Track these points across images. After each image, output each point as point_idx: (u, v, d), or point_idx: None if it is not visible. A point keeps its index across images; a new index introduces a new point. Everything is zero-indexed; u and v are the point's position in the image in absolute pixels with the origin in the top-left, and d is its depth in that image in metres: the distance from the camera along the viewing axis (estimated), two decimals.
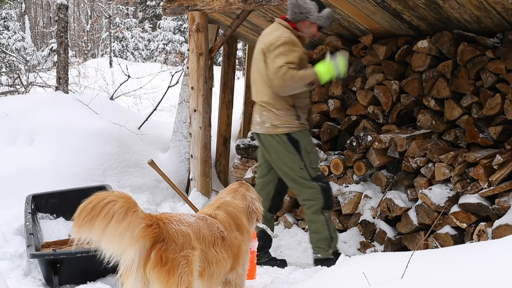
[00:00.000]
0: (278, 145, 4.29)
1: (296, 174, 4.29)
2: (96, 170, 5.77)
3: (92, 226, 2.33)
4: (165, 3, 5.86)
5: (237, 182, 3.48)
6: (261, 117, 4.35)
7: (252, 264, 3.99)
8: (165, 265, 2.48)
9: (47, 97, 7.07)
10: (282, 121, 4.26)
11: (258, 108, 4.41)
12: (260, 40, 4.38)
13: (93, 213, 2.33)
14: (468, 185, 4.64)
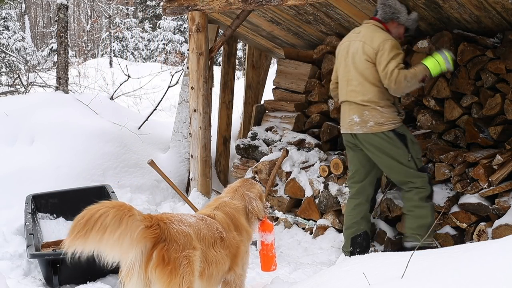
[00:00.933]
0: (384, 142, 4.32)
1: (407, 166, 4.34)
2: (96, 170, 5.78)
3: (87, 239, 2.36)
4: (165, 3, 5.86)
5: (240, 180, 3.48)
6: (362, 116, 4.34)
7: (267, 256, 3.89)
8: (167, 265, 2.49)
9: (47, 97, 7.07)
10: (387, 118, 4.31)
11: (357, 108, 4.36)
12: (359, 40, 4.37)
13: (86, 228, 2.36)
14: (468, 185, 4.64)
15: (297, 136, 6.10)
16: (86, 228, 2.34)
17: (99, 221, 2.36)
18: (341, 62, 4.50)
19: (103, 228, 2.35)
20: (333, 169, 5.45)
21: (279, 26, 6.34)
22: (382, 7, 4.46)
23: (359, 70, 4.34)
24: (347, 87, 4.43)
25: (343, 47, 4.50)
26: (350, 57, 4.40)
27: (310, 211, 5.49)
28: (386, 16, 4.45)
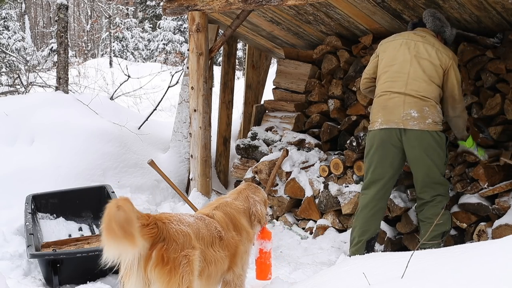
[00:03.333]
0: (435, 142, 4.19)
1: (439, 171, 4.26)
2: (96, 170, 5.78)
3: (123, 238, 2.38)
4: (165, 3, 5.86)
5: (244, 183, 3.49)
6: (422, 112, 4.15)
7: (264, 264, 3.92)
8: (167, 265, 2.49)
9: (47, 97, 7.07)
10: (441, 118, 4.28)
11: (416, 103, 4.18)
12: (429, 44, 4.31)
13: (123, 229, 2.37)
14: (468, 185, 4.64)
15: (297, 136, 6.10)
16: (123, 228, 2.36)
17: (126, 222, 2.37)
18: (397, 55, 4.32)
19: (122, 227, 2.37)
20: (333, 169, 5.45)
21: (279, 26, 6.34)
22: (432, 20, 4.49)
23: (426, 71, 4.23)
24: (408, 79, 4.22)
25: (397, 42, 4.37)
26: (413, 53, 4.27)
27: (310, 211, 5.49)
28: (436, 29, 4.49)
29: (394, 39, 4.45)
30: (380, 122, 4.26)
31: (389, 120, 4.23)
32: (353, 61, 6.09)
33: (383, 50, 4.45)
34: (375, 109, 4.35)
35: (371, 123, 4.37)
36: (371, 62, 4.53)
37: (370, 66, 4.53)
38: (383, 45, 4.49)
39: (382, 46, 4.49)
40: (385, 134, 4.25)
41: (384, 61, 4.39)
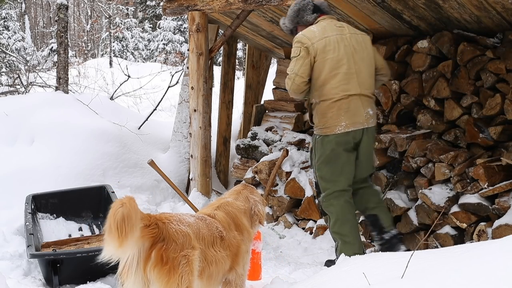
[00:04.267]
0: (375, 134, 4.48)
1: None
2: (96, 170, 5.78)
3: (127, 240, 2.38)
4: (165, 3, 5.86)
5: (241, 184, 3.49)
6: (374, 109, 4.35)
7: (257, 265, 3.97)
8: (166, 265, 2.49)
9: (47, 97, 7.07)
10: None
11: (368, 101, 4.27)
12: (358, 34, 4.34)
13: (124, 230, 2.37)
14: (468, 185, 4.64)
15: (297, 136, 6.10)
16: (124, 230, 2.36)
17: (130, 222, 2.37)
18: (340, 55, 4.18)
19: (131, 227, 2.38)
20: None
21: (279, 26, 6.34)
22: (327, 5, 4.51)
23: (369, 65, 4.28)
24: (358, 79, 4.22)
25: (332, 40, 4.21)
26: (352, 50, 4.23)
27: (310, 211, 5.49)
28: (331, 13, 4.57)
29: (324, 36, 4.20)
30: (345, 125, 4.20)
31: (355, 122, 4.21)
32: None
33: (322, 51, 4.18)
34: (335, 114, 4.19)
35: (329, 128, 4.21)
36: (304, 63, 4.17)
37: (305, 67, 4.17)
38: (315, 44, 4.17)
39: (315, 46, 4.17)
40: (350, 137, 4.23)
41: (329, 63, 4.18)
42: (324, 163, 4.27)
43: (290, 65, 4.24)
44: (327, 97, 4.20)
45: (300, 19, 4.41)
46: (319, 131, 4.29)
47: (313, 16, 4.39)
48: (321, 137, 4.27)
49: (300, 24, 4.42)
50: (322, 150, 4.26)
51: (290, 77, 4.21)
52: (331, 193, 4.27)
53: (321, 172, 4.30)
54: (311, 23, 4.37)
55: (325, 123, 4.22)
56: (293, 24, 4.46)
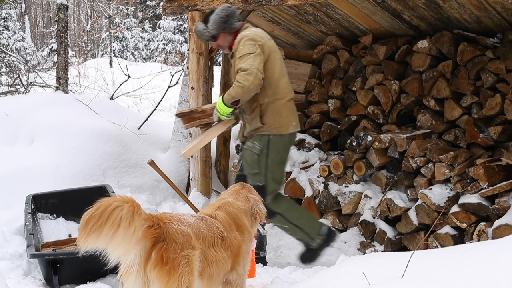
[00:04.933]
0: None
1: None
2: (96, 170, 5.77)
3: (100, 234, 2.33)
4: (165, 3, 5.85)
5: (239, 184, 3.48)
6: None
7: (252, 263, 3.98)
8: (166, 265, 2.48)
9: (47, 97, 7.06)
10: None
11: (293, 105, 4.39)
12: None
13: (101, 220, 2.32)
14: (468, 185, 4.64)
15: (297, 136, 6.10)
16: (100, 220, 2.31)
17: (113, 214, 2.33)
18: (278, 58, 4.30)
19: (117, 223, 2.33)
20: (333, 169, 5.45)
21: (279, 26, 6.34)
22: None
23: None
24: (288, 82, 4.36)
25: (272, 43, 4.31)
26: (280, 55, 4.37)
27: (310, 211, 5.49)
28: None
29: (268, 37, 4.30)
30: (294, 126, 4.32)
31: (298, 124, 4.38)
32: (353, 61, 6.09)
33: (273, 50, 4.26)
34: (287, 113, 4.27)
35: (284, 127, 4.25)
36: (261, 60, 4.16)
37: (262, 64, 4.17)
38: (267, 43, 4.23)
39: (267, 44, 4.23)
40: (294, 137, 4.45)
41: (278, 64, 4.28)
42: (278, 164, 4.26)
43: (247, 61, 4.11)
44: (282, 95, 4.25)
45: (228, 25, 4.35)
46: (273, 131, 4.23)
47: (240, 24, 4.39)
48: (275, 136, 4.23)
49: (226, 31, 4.35)
50: (276, 150, 4.23)
51: (251, 72, 4.09)
52: (277, 194, 4.33)
53: (274, 174, 4.26)
54: (237, 30, 4.35)
55: (280, 122, 4.23)
56: (218, 30, 4.36)
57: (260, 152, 4.24)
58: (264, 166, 4.24)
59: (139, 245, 2.46)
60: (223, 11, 4.35)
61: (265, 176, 4.24)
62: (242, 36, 4.23)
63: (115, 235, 2.35)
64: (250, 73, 4.09)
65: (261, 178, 4.23)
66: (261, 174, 4.24)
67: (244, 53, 4.14)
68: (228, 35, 4.37)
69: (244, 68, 4.11)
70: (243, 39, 4.20)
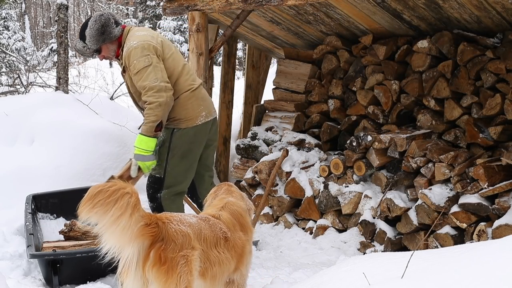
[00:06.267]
0: None
1: None
2: (96, 170, 5.77)
3: (106, 212, 2.31)
4: (165, 3, 5.85)
5: (224, 183, 3.47)
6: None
7: None
8: (164, 264, 2.48)
9: (47, 97, 7.06)
10: None
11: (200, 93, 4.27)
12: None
13: (111, 198, 2.31)
14: (468, 185, 4.64)
15: (297, 136, 6.10)
16: (111, 198, 2.31)
17: (124, 198, 2.34)
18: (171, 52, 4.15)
19: (124, 207, 2.33)
20: (333, 169, 5.45)
21: (279, 26, 6.34)
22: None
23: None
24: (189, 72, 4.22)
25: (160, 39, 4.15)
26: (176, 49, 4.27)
27: (310, 211, 5.49)
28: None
29: (154, 36, 4.13)
30: (205, 115, 4.19)
31: (210, 111, 4.25)
32: (353, 61, 6.09)
33: (165, 48, 4.11)
34: (193, 104, 4.13)
35: (189, 120, 4.12)
36: (161, 67, 3.99)
37: (163, 72, 3.98)
38: (156, 44, 4.06)
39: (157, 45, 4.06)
40: (206, 127, 4.22)
41: (174, 59, 4.13)
42: (180, 158, 4.16)
43: (149, 76, 3.90)
44: (184, 89, 4.12)
45: (107, 35, 4.12)
46: (178, 124, 4.12)
47: (118, 29, 4.17)
48: (179, 130, 4.13)
49: (107, 41, 4.14)
50: (179, 144, 4.13)
51: (160, 87, 3.89)
52: (177, 192, 4.22)
53: (173, 167, 4.15)
54: (119, 36, 4.16)
55: (186, 114, 4.12)
56: (99, 44, 4.13)
57: (162, 144, 4.15)
58: (165, 159, 4.14)
59: (135, 242, 2.46)
60: (97, 22, 4.10)
61: (164, 169, 4.16)
62: (130, 49, 3.99)
63: (119, 220, 2.34)
64: (160, 89, 3.90)
65: (160, 171, 4.16)
66: (161, 167, 4.16)
67: (141, 68, 3.93)
68: (110, 45, 4.17)
69: (151, 86, 3.90)
70: (132, 52, 3.98)
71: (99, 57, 4.29)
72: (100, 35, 4.10)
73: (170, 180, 4.17)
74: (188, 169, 4.24)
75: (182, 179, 4.24)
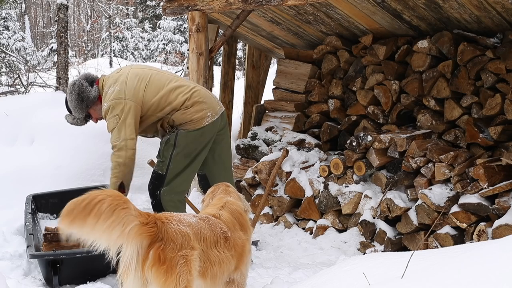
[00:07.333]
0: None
1: None
2: (96, 170, 5.77)
3: (84, 223, 2.39)
4: (165, 3, 5.85)
5: (222, 183, 3.48)
6: None
7: None
8: (163, 264, 2.48)
9: (47, 97, 7.07)
10: None
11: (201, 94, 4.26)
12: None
13: (85, 211, 2.39)
14: (468, 185, 4.64)
15: (297, 136, 6.10)
16: (85, 211, 2.39)
17: (96, 207, 2.38)
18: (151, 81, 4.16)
19: (99, 215, 2.37)
20: (333, 169, 5.45)
21: (279, 26, 6.34)
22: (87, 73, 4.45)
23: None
24: (179, 85, 4.21)
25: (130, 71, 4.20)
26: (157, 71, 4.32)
27: (310, 211, 5.49)
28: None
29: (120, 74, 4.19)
30: (211, 115, 4.19)
31: (215, 110, 4.24)
32: (353, 61, 6.09)
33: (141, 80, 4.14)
34: (196, 107, 4.14)
35: (195, 123, 4.14)
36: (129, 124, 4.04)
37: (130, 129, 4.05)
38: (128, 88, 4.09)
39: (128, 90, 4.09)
40: (214, 127, 4.22)
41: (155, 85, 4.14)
42: (183, 157, 4.17)
43: (113, 136, 4.04)
44: (180, 104, 4.13)
45: (87, 100, 4.19)
46: (184, 127, 4.15)
47: (94, 89, 4.21)
48: (185, 131, 4.15)
49: (90, 106, 4.22)
50: (184, 143, 4.15)
51: (120, 146, 4.02)
52: (177, 191, 4.25)
53: (176, 166, 4.17)
54: (98, 96, 4.20)
55: (191, 118, 4.15)
56: (85, 111, 4.24)
57: (167, 141, 4.20)
58: (169, 156, 4.18)
59: (133, 242, 2.46)
60: (72, 93, 4.18)
61: (167, 166, 4.19)
62: (103, 111, 4.11)
63: (97, 226, 2.38)
64: (120, 148, 4.04)
65: (163, 167, 4.21)
66: (164, 164, 4.20)
67: (111, 129, 4.08)
68: (95, 107, 4.24)
69: (113, 145, 4.07)
70: (105, 113, 4.10)
71: (93, 120, 4.39)
72: (81, 103, 4.19)
73: (172, 178, 4.20)
74: (190, 168, 4.25)
75: (184, 178, 4.25)
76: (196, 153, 4.22)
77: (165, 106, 4.14)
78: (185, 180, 4.28)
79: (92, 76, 4.34)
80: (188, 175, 4.28)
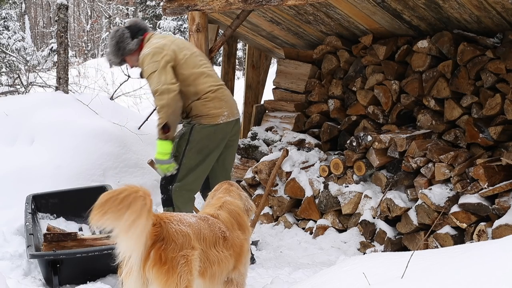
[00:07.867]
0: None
1: None
2: (96, 170, 5.77)
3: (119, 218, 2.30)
4: (165, 3, 5.85)
5: (226, 182, 3.48)
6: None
7: None
8: (164, 264, 2.48)
9: (47, 97, 7.06)
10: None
11: (223, 93, 4.31)
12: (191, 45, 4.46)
13: (123, 204, 2.30)
14: (468, 185, 4.64)
15: (297, 136, 6.10)
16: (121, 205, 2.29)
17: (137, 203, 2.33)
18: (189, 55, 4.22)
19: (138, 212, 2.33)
20: (333, 169, 5.45)
21: (279, 26, 6.34)
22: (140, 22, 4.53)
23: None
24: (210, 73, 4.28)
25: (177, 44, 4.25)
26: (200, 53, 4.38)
27: (310, 211, 5.49)
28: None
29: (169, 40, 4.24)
30: (227, 115, 4.25)
31: (233, 112, 4.31)
32: (353, 61, 6.09)
33: (181, 50, 4.19)
34: (216, 103, 4.19)
35: (211, 118, 4.18)
36: (167, 70, 4.06)
37: (170, 74, 4.06)
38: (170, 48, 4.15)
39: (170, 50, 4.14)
40: (228, 127, 4.28)
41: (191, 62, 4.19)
42: (196, 153, 4.21)
43: (153, 81, 4.04)
44: (204, 91, 4.19)
45: (123, 50, 4.27)
46: (199, 120, 4.20)
47: (135, 42, 4.28)
48: (200, 125, 4.20)
49: (126, 54, 4.30)
50: (198, 138, 4.19)
51: (162, 90, 4.00)
52: (188, 189, 4.28)
53: (188, 160, 4.21)
54: (138, 49, 4.26)
55: (208, 112, 4.19)
56: (120, 58, 4.33)
57: (182, 136, 4.23)
58: (182, 151, 4.21)
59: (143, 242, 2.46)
60: (112, 39, 4.29)
61: (180, 161, 4.22)
62: (143, 56, 4.15)
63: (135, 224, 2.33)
64: (162, 92, 4.02)
65: (176, 162, 4.23)
66: (177, 159, 4.22)
67: (149, 74, 4.09)
68: (132, 56, 4.31)
69: (154, 89, 4.06)
70: (144, 59, 4.14)
71: (128, 66, 4.51)
72: (117, 51, 4.30)
73: (184, 174, 4.24)
74: (202, 167, 4.27)
75: (196, 176, 4.28)
76: (208, 151, 4.25)
77: (189, 84, 4.17)
78: (196, 178, 4.30)
79: (138, 26, 4.39)
80: (199, 173, 4.30)
